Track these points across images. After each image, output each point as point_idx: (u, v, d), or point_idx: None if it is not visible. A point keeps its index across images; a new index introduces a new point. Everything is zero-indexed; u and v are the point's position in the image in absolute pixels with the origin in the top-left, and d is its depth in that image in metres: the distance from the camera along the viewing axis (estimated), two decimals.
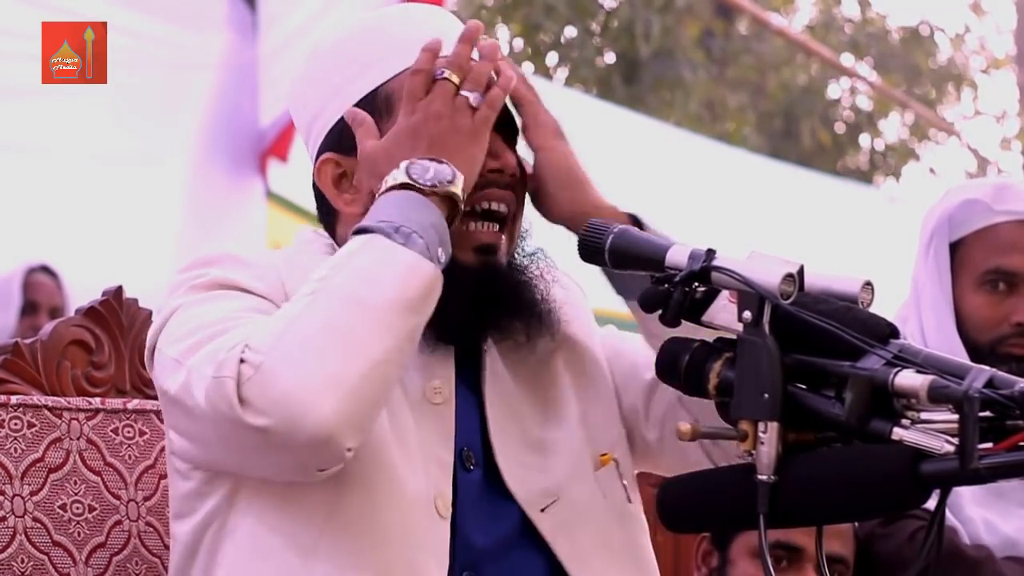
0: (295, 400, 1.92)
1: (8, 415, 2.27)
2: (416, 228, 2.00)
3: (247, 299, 2.08)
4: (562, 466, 2.19)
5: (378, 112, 2.16)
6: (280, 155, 7.27)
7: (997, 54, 18.94)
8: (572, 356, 2.27)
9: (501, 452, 2.17)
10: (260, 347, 1.94)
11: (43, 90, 5.45)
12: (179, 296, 2.11)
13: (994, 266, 3.11)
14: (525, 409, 2.21)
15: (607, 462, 2.22)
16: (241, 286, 2.09)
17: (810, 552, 2.93)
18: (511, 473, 2.16)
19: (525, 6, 15.64)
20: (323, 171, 2.21)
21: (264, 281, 2.11)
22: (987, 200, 3.12)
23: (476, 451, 2.16)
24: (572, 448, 2.21)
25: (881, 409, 1.80)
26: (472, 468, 2.15)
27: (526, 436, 2.19)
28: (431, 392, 2.15)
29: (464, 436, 2.16)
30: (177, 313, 2.09)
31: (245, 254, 2.14)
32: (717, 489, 1.93)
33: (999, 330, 3.09)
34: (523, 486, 2.16)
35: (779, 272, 1.86)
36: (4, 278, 6.11)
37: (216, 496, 2.11)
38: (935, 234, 3.16)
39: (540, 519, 2.15)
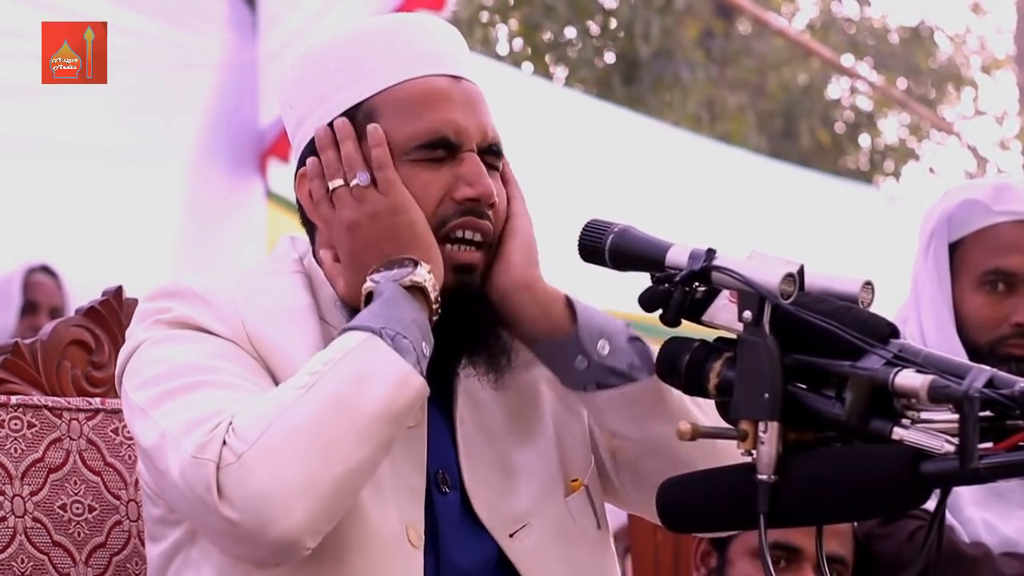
0: (269, 502, 1.91)
1: (8, 415, 2.27)
2: (399, 328, 1.99)
3: (209, 343, 2.07)
4: (532, 490, 2.17)
5: (360, 126, 2.14)
6: (281, 155, 7.27)
7: (997, 54, 18.93)
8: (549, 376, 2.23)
9: (470, 477, 2.15)
10: (245, 435, 1.93)
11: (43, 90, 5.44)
12: (143, 330, 2.10)
13: (993, 266, 3.11)
14: (500, 431, 2.19)
15: (577, 488, 2.20)
16: (202, 327, 2.08)
17: (808, 552, 2.93)
18: (480, 498, 2.15)
19: (524, 6, 15.63)
20: (302, 183, 2.19)
21: (224, 322, 2.09)
22: (986, 200, 3.12)
23: (452, 473, 2.15)
24: (544, 472, 2.19)
25: (881, 409, 1.80)
26: (447, 491, 2.14)
27: (498, 460, 2.18)
28: None
29: (438, 459, 2.15)
30: (141, 349, 2.09)
31: (206, 290, 2.11)
32: (717, 489, 1.93)
33: (999, 330, 3.09)
34: (492, 512, 2.15)
35: (779, 272, 1.86)
36: (4, 278, 6.11)
37: (182, 527, 2.11)
38: (934, 234, 3.16)
39: (509, 545, 2.14)
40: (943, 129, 17.74)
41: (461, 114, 2.14)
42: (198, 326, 2.08)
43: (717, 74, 16.58)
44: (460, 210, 2.12)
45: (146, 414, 2.02)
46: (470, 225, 2.13)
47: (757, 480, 1.83)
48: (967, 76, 18.75)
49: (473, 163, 2.13)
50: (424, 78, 2.15)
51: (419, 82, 2.15)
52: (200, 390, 2.01)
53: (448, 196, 2.12)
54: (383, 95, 2.15)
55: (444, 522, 2.12)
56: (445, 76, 2.16)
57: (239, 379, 2.03)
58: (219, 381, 2.02)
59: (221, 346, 2.07)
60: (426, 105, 2.14)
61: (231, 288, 2.12)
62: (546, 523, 2.16)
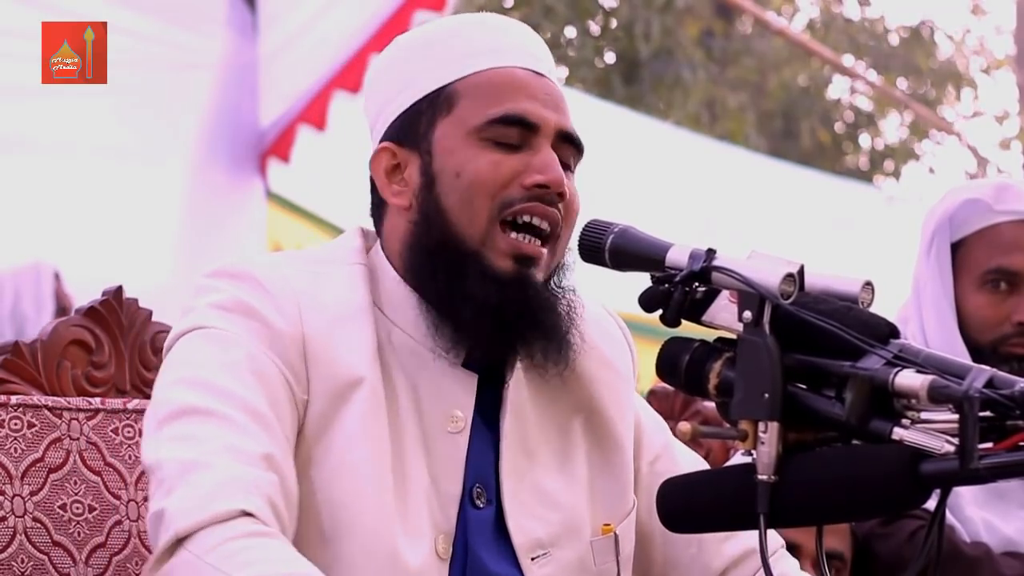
0: None
1: (8, 415, 2.27)
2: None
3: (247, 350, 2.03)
4: (561, 522, 2.17)
5: (439, 108, 2.15)
6: (281, 155, 7.28)
7: (997, 54, 18.95)
8: (594, 423, 2.24)
9: (509, 491, 2.14)
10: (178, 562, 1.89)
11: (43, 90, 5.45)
12: (197, 315, 2.09)
13: (995, 266, 3.11)
14: (540, 454, 2.19)
15: (607, 532, 2.20)
16: (259, 313, 2.06)
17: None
18: (514, 516, 2.14)
19: (524, 6, 15.65)
20: (378, 159, 2.20)
21: (283, 315, 2.07)
22: (988, 200, 3.12)
23: (489, 488, 2.14)
24: (572, 508, 2.18)
25: (881, 409, 1.80)
26: (482, 506, 2.14)
27: (535, 481, 2.17)
28: (448, 421, 2.13)
29: (476, 471, 2.14)
30: (187, 338, 2.07)
31: (268, 279, 2.09)
32: (717, 489, 1.93)
33: (1000, 330, 3.09)
34: (522, 531, 2.14)
35: (779, 272, 1.86)
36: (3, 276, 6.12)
37: None
38: (936, 234, 3.16)
39: (528, 567, 2.13)
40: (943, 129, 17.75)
41: (540, 103, 2.15)
42: (255, 312, 2.06)
43: (717, 74, 16.60)
44: (527, 195, 2.11)
45: (159, 427, 2.01)
46: (537, 211, 2.12)
47: (757, 480, 1.83)
48: (967, 76, 18.76)
49: (547, 154, 2.13)
50: (507, 68, 2.16)
51: (502, 71, 2.16)
52: (206, 423, 1.98)
53: (516, 181, 2.12)
54: (465, 80, 2.16)
55: (474, 536, 2.12)
56: (529, 70, 2.18)
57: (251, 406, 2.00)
58: (225, 414, 1.98)
59: (257, 359, 2.04)
60: (507, 90, 2.15)
61: (293, 280, 2.11)
62: (566, 557, 2.16)
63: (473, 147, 2.13)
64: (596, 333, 2.26)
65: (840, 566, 2.99)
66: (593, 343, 2.24)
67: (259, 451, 1.96)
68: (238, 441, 1.96)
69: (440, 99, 2.16)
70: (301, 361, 2.06)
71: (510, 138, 2.13)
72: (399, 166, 2.18)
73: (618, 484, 2.24)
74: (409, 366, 2.13)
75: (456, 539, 2.10)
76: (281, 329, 2.06)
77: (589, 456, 2.23)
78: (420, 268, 2.13)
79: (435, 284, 2.12)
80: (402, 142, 2.18)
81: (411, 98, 2.18)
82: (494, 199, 2.11)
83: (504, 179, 2.12)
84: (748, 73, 16.93)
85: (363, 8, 7.19)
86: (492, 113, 2.13)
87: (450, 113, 2.15)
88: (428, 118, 2.16)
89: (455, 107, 2.15)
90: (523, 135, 2.14)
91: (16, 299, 5.96)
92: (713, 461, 2.97)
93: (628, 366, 2.31)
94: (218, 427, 1.97)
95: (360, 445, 2.05)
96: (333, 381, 2.06)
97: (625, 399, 2.28)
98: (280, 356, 2.05)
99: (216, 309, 2.08)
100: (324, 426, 2.06)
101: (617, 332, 2.32)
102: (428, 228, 2.13)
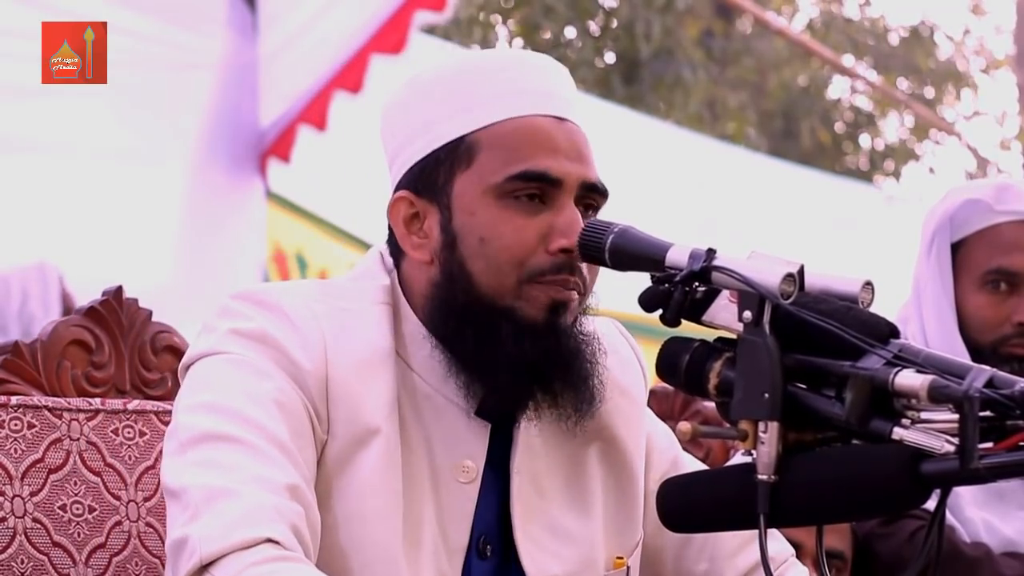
0: None
1: (8, 415, 2.27)
2: None
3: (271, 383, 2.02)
4: (576, 558, 2.15)
5: (458, 161, 2.11)
6: (282, 155, 7.28)
7: (997, 54, 18.94)
8: (610, 452, 2.22)
9: (522, 530, 2.13)
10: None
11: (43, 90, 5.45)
12: (221, 337, 2.07)
13: (996, 266, 3.11)
14: (553, 490, 2.17)
15: (620, 566, 2.19)
16: (283, 349, 2.04)
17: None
18: (529, 555, 2.12)
19: (524, 6, 15.64)
20: (396, 208, 2.15)
21: (307, 352, 2.04)
22: (988, 200, 3.12)
23: (493, 539, 2.13)
24: (587, 543, 2.17)
25: (881, 409, 1.79)
26: (488, 557, 2.13)
27: (549, 518, 2.15)
28: (460, 471, 2.12)
29: (483, 521, 2.13)
30: (208, 360, 2.06)
31: (296, 314, 2.06)
32: (717, 489, 1.93)
33: (1001, 330, 3.09)
34: (538, 569, 2.12)
35: (779, 272, 1.85)
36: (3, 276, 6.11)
37: None
38: (936, 234, 3.16)
39: None
40: (943, 129, 17.75)
41: (563, 156, 2.10)
42: (279, 345, 2.04)
43: (717, 74, 16.60)
44: (554, 264, 2.07)
45: (183, 450, 2.00)
46: (561, 283, 2.08)
47: (757, 480, 1.83)
48: (967, 76, 18.76)
49: (571, 212, 2.08)
50: (528, 118, 2.11)
51: (523, 121, 2.11)
52: (233, 451, 1.97)
53: (542, 246, 2.08)
54: (484, 131, 2.10)
55: None
56: (551, 117, 2.12)
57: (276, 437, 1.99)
58: (251, 443, 1.97)
59: (282, 391, 2.03)
60: (527, 143, 2.09)
61: (320, 317, 2.08)
62: None
63: (493, 207, 2.08)
64: (612, 360, 2.22)
65: (840, 565, 2.99)
66: (609, 370, 2.20)
67: (284, 481, 1.96)
68: (264, 471, 1.96)
69: (460, 151, 2.11)
70: (323, 401, 2.05)
71: (531, 192, 2.09)
72: (418, 215, 2.14)
73: (630, 516, 2.23)
74: (424, 414, 2.11)
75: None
76: (304, 367, 2.04)
77: (604, 485, 2.21)
78: (447, 326, 2.10)
79: (463, 343, 2.08)
80: (420, 193, 2.13)
81: (429, 145, 2.13)
82: (522, 267, 2.07)
83: (529, 246, 2.07)
84: (748, 73, 16.93)
85: (363, 8, 7.19)
86: (512, 171, 2.08)
87: (469, 167, 2.10)
88: (447, 170, 2.12)
89: (474, 161, 2.10)
90: (544, 189, 2.09)
91: (24, 299, 5.95)
92: (713, 461, 2.97)
93: (641, 390, 2.29)
94: (245, 455, 1.97)
95: (373, 496, 2.04)
96: (353, 426, 2.05)
97: (638, 427, 2.26)
98: (303, 391, 2.04)
99: (240, 337, 2.06)
100: (339, 469, 2.05)
101: (630, 354, 2.29)
102: (452, 288, 2.09)
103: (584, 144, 2.14)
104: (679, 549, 2.28)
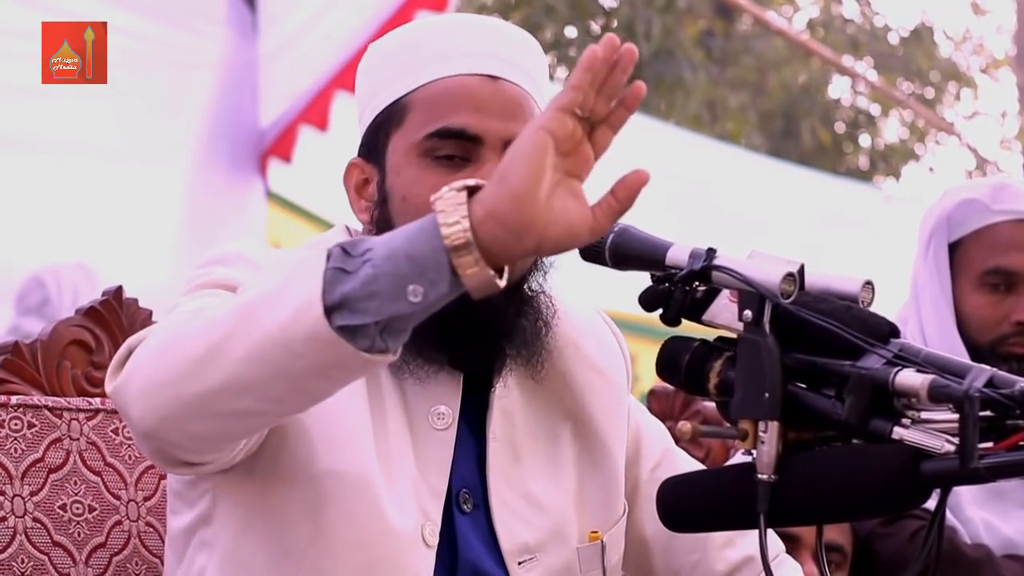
0: (132, 377, 1.85)
1: (8, 415, 2.27)
2: (381, 256, 1.72)
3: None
4: (546, 527, 2.16)
5: (393, 122, 2.13)
6: (283, 155, 7.29)
7: (997, 54, 18.94)
8: (582, 431, 2.23)
9: (497, 495, 2.14)
10: (159, 327, 1.89)
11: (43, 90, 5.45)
12: (181, 295, 2.07)
13: (993, 266, 3.11)
14: (530, 460, 2.18)
15: (595, 540, 2.19)
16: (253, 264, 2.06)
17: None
18: (502, 519, 2.13)
19: (525, 6, 15.65)
20: (349, 175, 2.18)
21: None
22: (985, 200, 3.12)
23: (475, 492, 2.13)
24: (559, 514, 2.17)
25: (881, 408, 1.79)
26: (469, 510, 2.13)
27: (523, 485, 2.16)
28: (434, 417, 2.11)
29: (463, 474, 2.13)
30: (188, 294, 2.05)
31: (256, 254, 2.09)
32: (717, 489, 1.93)
33: (999, 329, 3.09)
34: (510, 534, 2.13)
35: (780, 271, 1.85)
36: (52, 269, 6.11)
37: (199, 506, 2.10)
38: (934, 234, 3.16)
39: (516, 572, 2.13)
40: (943, 129, 17.75)
41: (487, 113, 2.09)
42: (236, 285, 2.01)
43: (717, 74, 16.60)
44: None
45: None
46: None
47: (757, 480, 1.83)
48: (967, 76, 18.76)
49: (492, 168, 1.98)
50: (458, 77, 2.11)
51: (452, 80, 2.11)
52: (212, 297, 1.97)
53: None
54: (417, 92, 2.12)
55: (462, 538, 2.11)
56: (481, 76, 2.11)
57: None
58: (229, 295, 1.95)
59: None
60: (451, 101, 2.09)
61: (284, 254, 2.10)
62: (552, 563, 2.15)
63: (414, 165, 2.10)
64: (590, 342, 2.25)
65: (840, 559, 2.99)
66: (586, 351, 2.23)
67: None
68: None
69: (395, 112, 2.13)
70: None
71: (452, 151, 2.09)
72: (367, 181, 2.16)
73: (607, 492, 2.23)
74: (394, 367, 2.11)
75: (443, 535, 2.09)
76: None
77: (578, 463, 2.22)
78: None
79: None
80: (367, 157, 2.16)
81: (374, 111, 2.15)
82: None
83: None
84: (748, 73, 16.92)
85: (363, 8, 7.19)
86: (430, 128, 2.09)
87: (400, 126, 2.12)
88: (384, 132, 2.14)
89: (405, 120, 2.12)
90: (465, 148, 2.09)
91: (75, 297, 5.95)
92: (713, 461, 2.96)
93: (621, 374, 2.29)
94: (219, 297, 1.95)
95: (340, 420, 2.04)
96: None
97: (616, 407, 2.27)
98: None
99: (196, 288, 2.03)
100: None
101: (611, 340, 2.31)
102: None
103: (516, 103, 2.11)
104: (669, 541, 2.28)
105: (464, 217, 1.71)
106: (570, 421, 2.22)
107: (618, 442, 2.26)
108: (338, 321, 1.70)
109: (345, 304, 1.70)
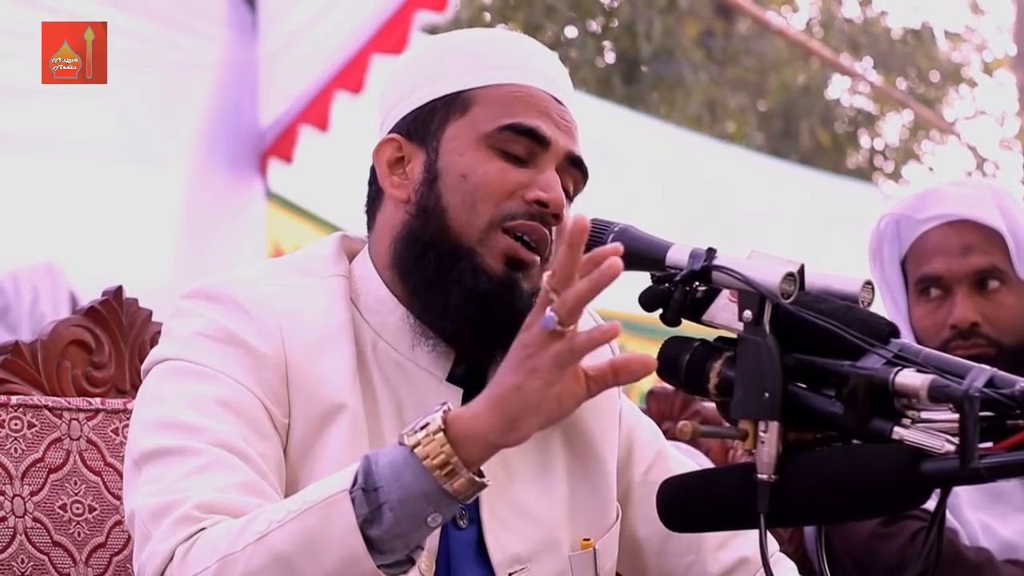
0: None
1: (8, 415, 2.27)
2: (395, 496, 1.85)
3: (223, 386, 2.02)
4: (537, 537, 2.16)
5: (454, 109, 2.16)
6: (283, 155, 7.28)
7: (997, 54, 18.95)
8: (573, 438, 2.23)
9: (488, 508, 2.14)
10: (194, 562, 1.90)
11: (43, 90, 5.45)
12: (175, 341, 2.08)
13: (920, 275, 3.13)
14: (518, 468, 2.18)
15: (587, 547, 2.20)
16: (240, 338, 2.06)
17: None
18: (492, 532, 2.14)
19: (525, 6, 15.65)
20: (383, 149, 2.20)
21: (265, 339, 2.06)
22: (910, 213, 3.14)
23: (469, 508, 2.13)
24: (551, 523, 2.18)
25: (881, 408, 1.80)
26: (464, 527, 2.13)
27: (514, 495, 2.17)
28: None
29: None
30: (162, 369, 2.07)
31: (249, 300, 2.08)
32: (717, 489, 1.93)
33: (941, 336, 3.10)
34: (500, 547, 2.14)
35: (780, 271, 1.86)
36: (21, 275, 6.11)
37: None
38: (873, 260, 3.19)
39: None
40: (943, 129, 17.76)
41: (554, 124, 2.15)
42: (236, 338, 2.05)
43: (717, 74, 16.61)
44: (527, 211, 2.11)
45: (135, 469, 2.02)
46: (535, 233, 2.11)
47: (757, 480, 1.83)
48: (967, 76, 18.77)
49: (552, 174, 2.13)
50: (528, 86, 2.17)
51: (522, 87, 2.17)
52: (177, 463, 1.97)
53: (519, 193, 2.12)
54: (484, 90, 2.16)
55: (456, 557, 2.11)
56: (549, 94, 2.18)
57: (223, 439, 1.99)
58: (197, 451, 1.97)
59: (233, 391, 2.03)
60: (523, 104, 2.15)
61: (275, 301, 2.10)
62: (544, 572, 2.16)
63: (481, 152, 2.13)
64: None
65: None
66: None
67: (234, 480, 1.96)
68: (210, 477, 1.96)
69: (457, 101, 2.16)
70: (283, 385, 2.06)
71: (519, 150, 2.13)
72: (403, 159, 2.18)
73: (599, 498, 2.23)
74: (395, 381, 2.12)
75: (439, 559, 2.10)
76: (263, 353, 2.06)
77: (569, 470, 2.22)
78: (409, 258, 2.13)
79: (422, 272, 2.11)
80: (411, 136, 2.18)
81: (427, 96, 2.18)
82: (497, 207, 2.11)
83: (509, 189, 2.11)
84: (748, 73, 16.94)
85: (363, 8, 7.19)
86: (504, 122, 2.13)
87: (464, 116, 2.15)
88: (441, 117, 2.16)
89: (469, 111, 2.15)
90: (531, 149, 2.14)
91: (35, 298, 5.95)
92: (713, 461, 2.97)
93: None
94: (191, 465, 1.97)
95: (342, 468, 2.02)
96: (315, 406, 2.06)
97: (607, 412, 2.27)
98: (260, 382, 2.05)
99: (196, 336, 2.07)
100: (306, 451, 2.06)
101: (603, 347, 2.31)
102: (425, 222, 2.13)
103: (574, 127, 2.19)
104: (663, 543, 2.28)
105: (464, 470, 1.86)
106: (560, 428, 2.22)
107: (610, 447, 2.26)
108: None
109: (374, 546, 1.86)
